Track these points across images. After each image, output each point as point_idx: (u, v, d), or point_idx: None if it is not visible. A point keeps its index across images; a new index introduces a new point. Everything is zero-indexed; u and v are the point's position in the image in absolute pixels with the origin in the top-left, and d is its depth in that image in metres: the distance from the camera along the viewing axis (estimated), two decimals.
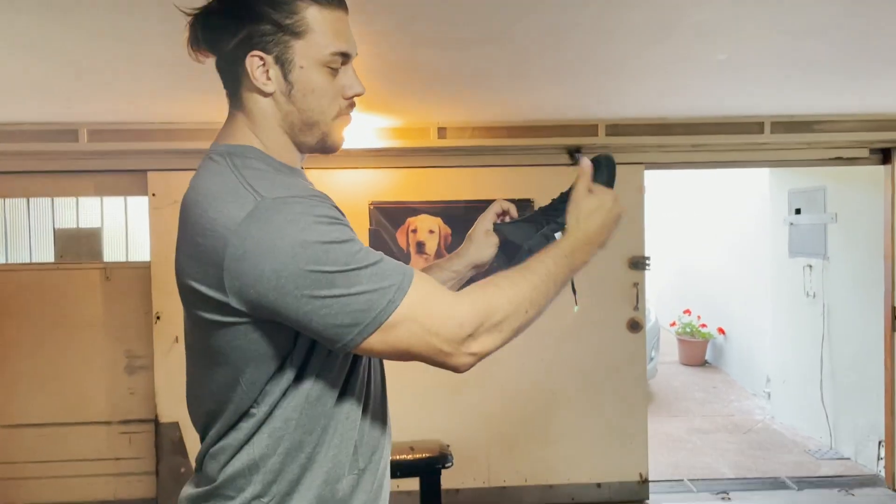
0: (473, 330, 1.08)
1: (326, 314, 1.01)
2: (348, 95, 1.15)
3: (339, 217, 1.06)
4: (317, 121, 1.14)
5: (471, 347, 1.09)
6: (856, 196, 4.68)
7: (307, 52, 1.10)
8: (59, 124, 3.72)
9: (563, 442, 4.12)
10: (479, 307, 1.09)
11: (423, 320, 1.05)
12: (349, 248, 1.02)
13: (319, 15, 1.09)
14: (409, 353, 1.07)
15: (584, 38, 2.34)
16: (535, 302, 1.16)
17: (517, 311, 1.13)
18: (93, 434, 4.08)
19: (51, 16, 2.01)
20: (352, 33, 1.15)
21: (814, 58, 2.61)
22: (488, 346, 1.11)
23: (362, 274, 1.02)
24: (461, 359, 1.09)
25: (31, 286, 4.04)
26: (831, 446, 5.02)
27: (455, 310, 1.08)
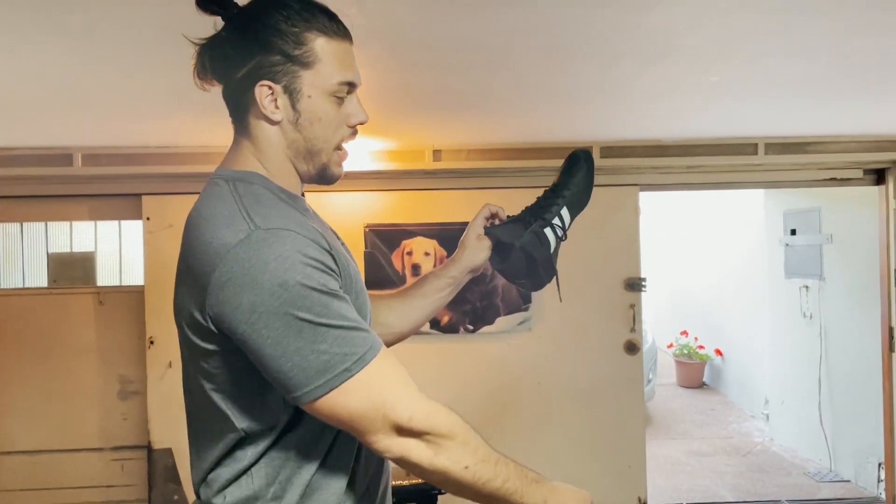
0: (420, 430, 1.05)
1: (283, 364, 1.01)
2: (352, 123, 1.18)
3: (327, 264, 1.05)
4: (320, 149, 1.16)
5: (407, 444, 1.05)
6: (851, 216, 4.69)
7: (315, 82, 1.12)
8: (54, 149, 3.71)
9: (560, 465, 4.08)
10: (436, 414, 1.07)
11: (375, 397, 1.03)
12: (327, 301, 1.01)
13: (327, 46, 1.12)
14: (349, 425, 1.05)
15: (580, 61, 2.35)
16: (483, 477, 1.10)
17: (464, 446, 1.09)
18: (85, 461, 4.03)
19: (46, 41, 2.01)
20: (356, 63, 1.17)
21: (805, 79, 2.62)
22: (421, 456, 1.06)
23: (329, 333, 1.01)
24: (392, 448, 1.05)
25: (23, 311, 4.01)
26: (831, 468, 4.99)
27: (414, 403, 1.06)
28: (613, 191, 4.07)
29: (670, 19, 1.95)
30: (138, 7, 1.77)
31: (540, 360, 4.06)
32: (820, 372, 5.07)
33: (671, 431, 6.21)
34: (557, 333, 4.07)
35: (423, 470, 1.07)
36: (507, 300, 4.03)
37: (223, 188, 1.12)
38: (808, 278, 5.19)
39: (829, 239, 4.92)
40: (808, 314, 5.22)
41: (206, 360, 1.10)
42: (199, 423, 1.17)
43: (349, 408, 1.03)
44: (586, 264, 4.06)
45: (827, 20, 1.97)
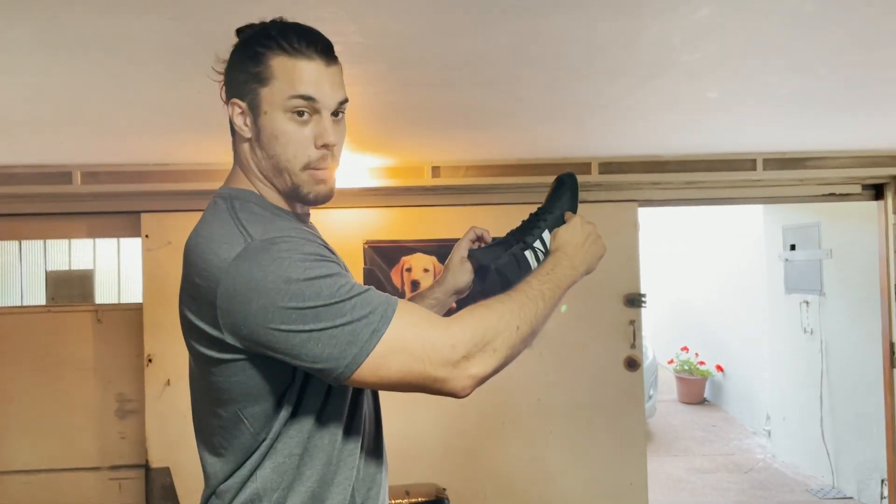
0: (467, 351, 1.07)
1: (313, 347, 1.03)
2: (318, 144, 1.15)
3: (325, 254, 1.09)
4: (283, 167, 1.16)
5: (468, 370, 1.08)
6: (850, 232, 4.69)
7: (271, 99, 1.13)
8: (53, 167, 3.72)
9: (561, 483, 4.05)
10: (470, 327, 1.09)
11: (412, 347, 1.06)
12: (333, 281, 1.04)
13: (285, 63, 1.13)
14: (403, 382, 1.07)
15: (578, 78, 2.35)
16: (526, 319, 1.15)
17: (508, 328, 1.12)
18: (82, 481, 4.00)
19: (45, 59, 2.02)
20: (332, 82, 1.16)
21: (804, 95, 2.63)
22: (486, 366, 1.09)
23: (346, 306, 1.03)
24: (459, 382, 1.08)
25: (22, 329, 4.00)
26: (833, 485, 4.95)
27: (446, 333, 1.08)
28: (612, 207, 4.07)
29: (668, 35, 1.95)
30: (137, 25, 1.78)
31: (540, 376, 4.04)
32: (821, 387, 5.04)
33: (672, 448, 6.17)
34: (557, 349, 4.06)
35: (500, 368, 1.12)
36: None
37: (221, 206, 1.16)
38: (809, 293, 5.18)
39: (829, 254, 4.92)
40: (808, 329, 5.20)
41: (221, 373, 1.13)
42: (210, 438, 1.20)
43: (392, 366, 1.05)
44: (586, 280, 4.02)
45: (825, 36, 1.97)
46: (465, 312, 1.12)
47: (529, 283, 1.21)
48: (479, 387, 1.11)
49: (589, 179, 3.97)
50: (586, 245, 1.37)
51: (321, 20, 1.66)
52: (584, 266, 1.37)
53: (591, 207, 4.06)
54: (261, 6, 1.58)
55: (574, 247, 1.35)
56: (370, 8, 1.71)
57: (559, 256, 1.33)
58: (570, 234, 1.37)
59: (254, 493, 1.14)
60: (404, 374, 1.06)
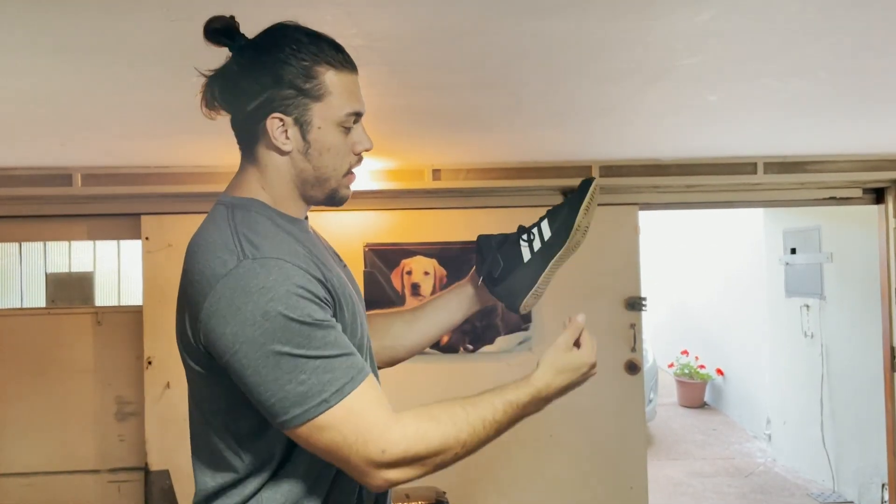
0: (395, 460, 1.06)
1: (263, 391, 1.02)
2: (357, 151, 1.21)
3: (316, 293, 1.06)
4: (329, 177, 1.20)
5: (387, 475, 1.07)
6: (851, 235, 4.69)
7: (325, 114, 1.15)
8: (53, 169, 3.71)
9: (561, 487, 4.04)
10: (409, 439, 1.07)
11: (347, 432, 1.04)
12: (309, 332, 1.03)
13: (336, 78, 1.16)
14: (328, 456, 1.07)
15: (578, 81, 2.35)
16: (468, 445, 1.14)
17: (447, 450, 1.11)
18: (81, 483, 3.99)
19: (45, 62, 2.02)
20: (360, 92, 1.22)
21: (805, 99, 2.63)
22: (406, 477, 1.09)
23: (309, 365, 1.02)
24: (373, 481, 1.07)
25: (21, 331, 3.99)
26: (834, 489, 4.94)
27: (384, 435, 1.05)
28: (613, 210, 4.07)
29: (669, 39, 1.95)
30: (138, 28, 1.78)
31: None
32: (822, 391, 5.04)
33: (673, 452, 6.17)
34: None
35: (424, 476, 1.11)
36: (506, 320, 4.01)
37: (221, 214, 1.16)
38: (809, 297, 5.17)
39: (830, 258, 4.91)
40: (809, 333, 5.20)
41: (205, 385, 1.13)
42: (201, 448, 1.19)
43: (323, 440, 1.04)
44: (586, 284, 4.04)
45: (826, 40, 1.97)
46: (414, 417, 1.09)
47: (494, 408, 1.19)
48: None
49: None
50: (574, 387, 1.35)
51: (323, 22, 1.66)
52: (556, 395, 1.33)
53: None
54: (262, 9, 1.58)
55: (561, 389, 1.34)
56: (371, 11, 1.71)
57: (541, 390, 1.31)
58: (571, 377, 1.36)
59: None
60: (330, 450, 1.05)
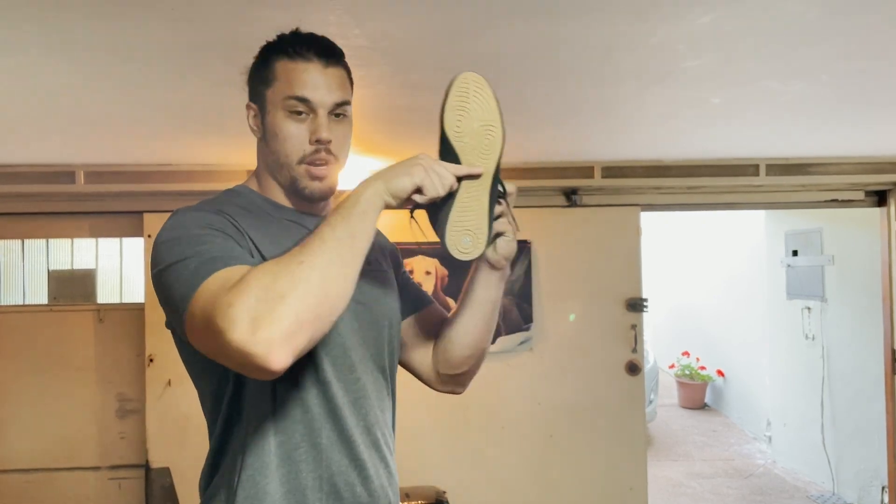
0: (245, 307, 0.92)
1: (164, 300, 1.10)
2: (312, 140, 1.21)
3: (217, 225, 1.12)
4: (283, 162, 1.23)
5: (258, 333, 0.91)
6: (853, 238, 4.69)
7: (273, 98, 1.22)
8: (57, 166, 3.72)
9: (561, 487, 4.04)
10: (246, 280, 0.95)
11: (206, 303, 0.97)
12: (201, 234, 1.09)
13: (286, 65, 1.21)
14: (210, 350, 0.99)
15: (581, 82, 2.35)
16: (311, 250, 0.99)
17: (287, 267, 0.96)
18: (81, 480, 4.00)
19: (49, 59, 2.02)
20: (328, 83, 1.21)
21: (807, 101, 2.63)
22: (278, 322, 0.92)
23: (196, 247, 1.06)
24: (253, 348, 0.91)
25: (23, 328, 4.00)
26: (834, 491, 4.94)
27: (227, 293, 0.95)
28: (614, 211, 4.07)
29: (672, 41, 1.96)
30: (141, 27, 1.78)
31: (540, 380, 4.04)
32: (822, 394, 5.04)
33: (672, 453, 6.17)
34: (558, 353, 4.06)
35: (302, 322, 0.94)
36: (507, 320, 4.02)
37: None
38: (810, 299, 5.17)
39: (831, 260, 4.91)
40: (810, 335, 5.20)
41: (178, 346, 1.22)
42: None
43: (200, 314, 0.98)
44: (587, 284, 4.05)
45: (828, 43, 1.97)
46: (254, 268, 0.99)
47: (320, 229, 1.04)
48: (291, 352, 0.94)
49: (591, 183, 3.97)
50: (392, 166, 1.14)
51: (326, 24, 1.67)
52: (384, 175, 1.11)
53: (594, 212, 4.08)
54: (266, 9, 1.58)
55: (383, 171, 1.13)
56: (374, 12, 1.72)
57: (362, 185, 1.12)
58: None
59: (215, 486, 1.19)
60: (205, 340, 0.98)
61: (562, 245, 4.06)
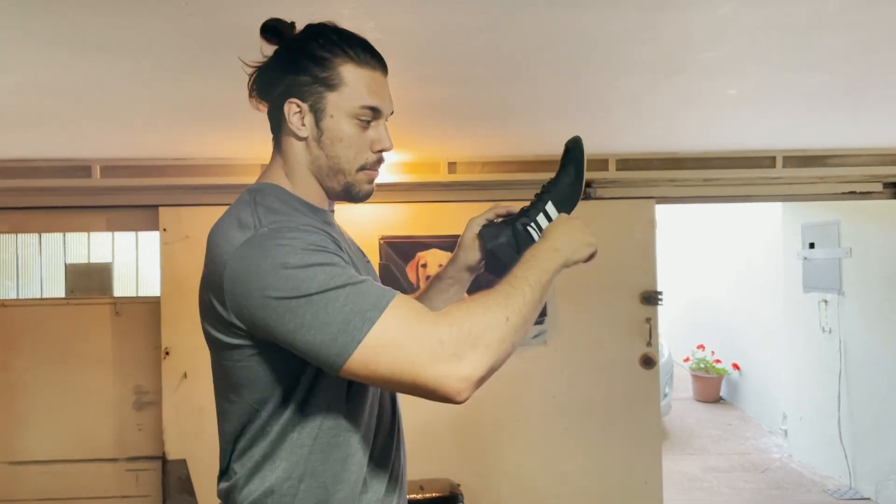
0: (456, 348, 1.03)
1: (306, 333, 1.04)
2: (376, 149, 1.23)
3: (327, 245, 1.09)
4: (342, 168, 1.22)
5: (460, 370, 1.03)
6: (871, 230, 4.64)
7: (338, 104, 1.19)
8: (73, 161, 3.75)
9: (575, 481, 4.04)
10: (457, 322, 1.05)
11: (399, 342, 1.03)
12: (330, 270, 1.06)
13: (354, 72, 1.19)
14: (394, 380, 1.04)
15: (595, 74, 2.34)
16: (514, 309, 1.10)
17: (496, 320, 1.07)
18: (99, 471, 4.04)
19: (64, 54, 2.03)
20: (388, 93, 1.24)
21: (825, 92, 2.60)
22: (478, 365, 1.04)
23: (340, 293, 1.04)
24: (452, 384, 1.03)
25: (41, 322, 4.04)
26: (850, 486, 4.91)
27: (433, 328, 1.04)
28: (629, 203, 4.05)
29: (688, 32, 1.94)
30: (155, 21, 1.79)
31: (555, 373, 4.04)
32: (839, 387, 5.00)
33: (688, 447, 6.14)
34: (573, 347, 4.05)
35: (495, 365, 1.08)
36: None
37: (244, 198, 1.20)
38: (827, 292, 5.13)
39: (849, 253, 4.86)
40: (827, 329, 5.15)
41: (231, 357, 1.16)
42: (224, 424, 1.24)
43: (382, 361, 1.03)
44: (602, 277, 4.03)
45: (847, 33, 1.95)
46: (453, 307, 1.09)
47: (513, 273, 1.17)
48: (476, 389, 1.06)
49: (606, 176, 3.95)
50: (571, 232, 1.30)
51: (340, 16, 1.66)
52: (569, 249, 1.27)
53: (608, 204, 4.06)
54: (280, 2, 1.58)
55: (556, 232, 1.29)
56: (389, 4, 1.71)
57: (540, 241, 1.29)
58: (554, 223, 1.34)
59: (267, 486, 1.16)
60: (393, 370, 1.03)
61: None
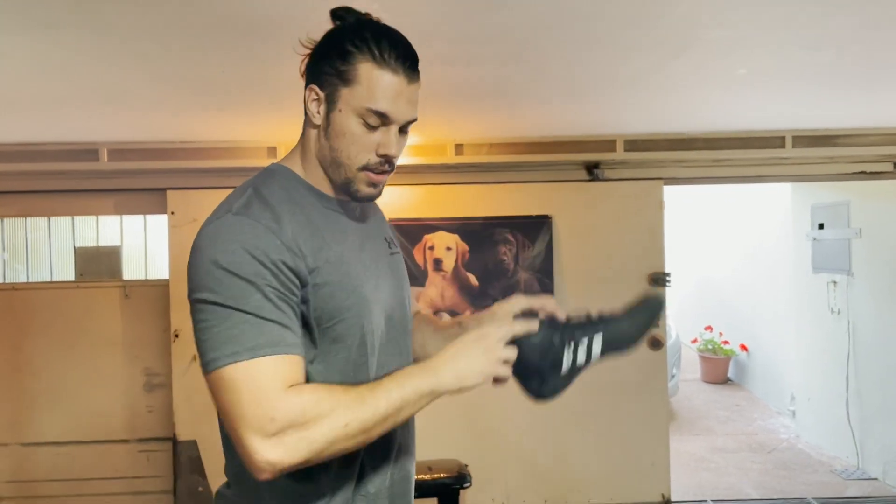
0: (282, 431, 1.03)
1: (198, 333, 1.08)
2: (380, 153, 1.20)
3: (275, 260, 1.09)
4: (342, 163, 1.20)
5: (271, 453, 1.03)
6: (881, 211, 4.61)
7: (348, 100, 1.16)
8: (80, 144, 3.76)
9: (583, 462, 4.06)
10: (300, 405, 1.05)
11: (242, 394, 1.04)
12: (250, 290, 1.06)
13: (371, 72, 1.15)
14: (223, 419, 1.08)
15: (603, 53, 2.32)
16: (358, 417, 1.07)
17: (335, 421, 1.06)
18: (110, 452, 4.09)
19: (72, 37, 2.03)
20: (406, 100, 1.19)
21: (835, 71, 2.57)
22: (292, 454, 1.04)
23: (240, 318, 1.06)
24: (257, 460, 1.03)
25: (51, 305, 4.07)
26: (858, 466, 4.91)
27: (276, 403, 1.04)
28: (637, 185, 4.03)
29: (696, 10, 1.92)
30: (162, 3, 1.78)
31: None
32: (848, 368, 4.99)
33: (695, 428, 6.16)
34: None
35: (310, 461, 1.06)
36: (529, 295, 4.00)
37: (249, 181, 1.22)
38: (836, 273, 5.11)
39: (858, 233, 4.84)
40: (835, 310, 5.14)
41: None
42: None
43: (222, 398, 1.06)
44: (610, 259, 4.03)
45: (858, 11, 1.92)
46: (313, 390, 1.08)
47: (381, 380, 1.13)
48: (281, 474, 1.05)
49: (614, 157, 3.93)
50: (461, 357, 1.17)
51: None
52: (450, 376, 1.15)
53: (616, 185, 4.05)
54: None
55: (446, 353, 1.18)
56: None
57: (427, 361, 1.18)
58: (454, 343, 1.20)
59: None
60: (225, 411, 1.06)
61: (583, 219, 4.04)
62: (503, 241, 3.99)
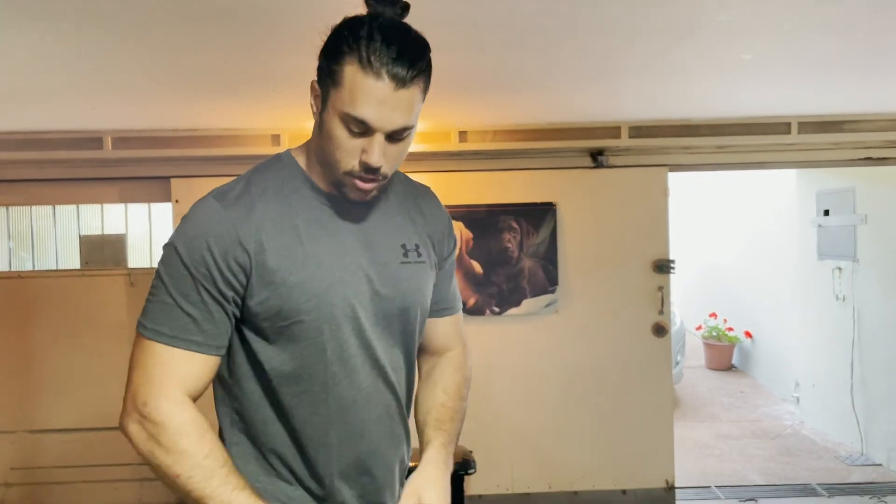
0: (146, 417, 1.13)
1: (149, 294, 1.18)
2: (362, 160, 1.14)
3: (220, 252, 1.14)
4: (330, 163, 1.18)
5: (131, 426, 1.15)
6: (886, 197, 4.59)
7: (335, 101, 1.12)
8: (84, 132, 3.76)
9: (587, 448, 4.07)
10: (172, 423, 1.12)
11: (137, 364, 1.15)
12: (185, 276, 1.14)
13: (356, 75, 1.09)
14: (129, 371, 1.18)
15: (607, 39, 2.31)
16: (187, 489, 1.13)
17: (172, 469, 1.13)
18: (117, 439, 4.06)
19: (75, 26, 2.03)
20: (392, 109, 1.11)
21: (841, 56, 2.56)
22: (137, 441, 1.15)
23: (167, 298, 1.15)
24: (123, 419, 1.16)
25: (56, 293, 4.08)
26: (862, 452, 4.92)
27: (159, 398, 1.13)
28: (642, 171, 4.02)
29: None
30: None
31: (566, 342, 4.05)
32: (852, 355, 4.99)
33: (699, 414, 6.17)
34: (584, 316, 4.05)
35: (139, 453, 1.16)
36: (533, 282, 4.01)
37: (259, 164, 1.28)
38: (842, 260, 5.09)
39: (864, 220, 4.82)
40: (840, 296, 5.13)
41: None
42: None
43: (133, 354, 1.17)
44: (614, 246, 4.02)
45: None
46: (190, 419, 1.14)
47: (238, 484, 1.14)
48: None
49: (618, 144, 3.92)
50: None
51: None
52: None
53: (621, 172, 4.04)
54: None
55: None
56: None
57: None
58: None
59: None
60: (131, 366, 1.17)
61: (588, 206, 4.03)
62: (507, 229, 3.99)
